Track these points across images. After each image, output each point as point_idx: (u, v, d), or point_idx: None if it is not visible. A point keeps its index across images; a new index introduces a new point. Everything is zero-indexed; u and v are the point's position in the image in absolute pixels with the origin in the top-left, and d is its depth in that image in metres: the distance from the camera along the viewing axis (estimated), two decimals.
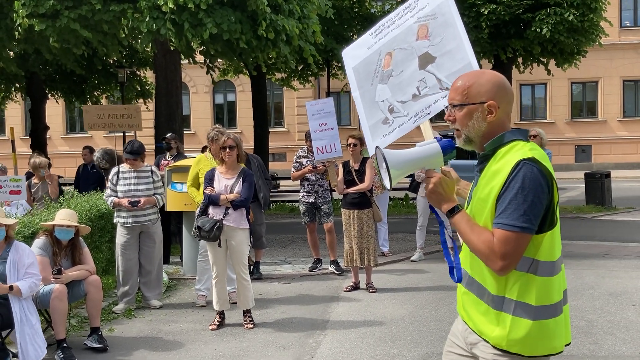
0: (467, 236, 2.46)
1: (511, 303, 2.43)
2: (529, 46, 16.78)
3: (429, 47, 3.28)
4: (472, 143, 2.58)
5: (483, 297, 2.52)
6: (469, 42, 3.22)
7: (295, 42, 11.14)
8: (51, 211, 7.72)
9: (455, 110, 2.56)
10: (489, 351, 2.51)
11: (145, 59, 18.64)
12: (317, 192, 9.36)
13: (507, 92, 2.56)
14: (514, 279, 2.43)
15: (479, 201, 2.50)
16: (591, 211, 15.71)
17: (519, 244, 2.37)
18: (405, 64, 3.32)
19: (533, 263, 2.42)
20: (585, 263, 9.65)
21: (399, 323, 6.83)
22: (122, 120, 11.58)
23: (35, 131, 19.26)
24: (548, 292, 2.44)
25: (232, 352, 6.06)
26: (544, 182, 2.38)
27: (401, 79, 3.33)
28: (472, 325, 2.58)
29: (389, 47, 3.39)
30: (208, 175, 6.89)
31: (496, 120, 2.52)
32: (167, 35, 10.09)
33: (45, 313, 6.25)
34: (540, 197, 2.37)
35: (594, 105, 31.80)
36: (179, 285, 8.86)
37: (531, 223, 2.36)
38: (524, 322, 2.41)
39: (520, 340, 2.42)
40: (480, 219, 2.48)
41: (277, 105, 33.60)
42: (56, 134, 32.60)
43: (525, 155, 2.40)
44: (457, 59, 3.18)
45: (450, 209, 2.54)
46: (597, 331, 6.38)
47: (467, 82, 2.55)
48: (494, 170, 2.45)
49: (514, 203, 2.36)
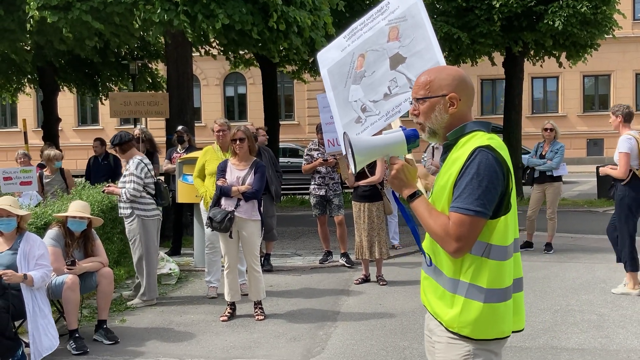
0: (425, 220, 2.56)
1: (465, 285, 2.52)
2: (541, 39, 16.66)
3: (399, 48, 3.40)
4: (436, 135, 2.69)
5: (440, 281, 2.62)
6: (437, 42, 3.34)
7: (306, 34, 11.12)
8: (64, 202, 7.76)
9: (419, 104, 2.68)
10: (443, 334, 2.61)
11: (156, 51, 18.67)
12: (328, 185, 9.35)
13: (468, 85, 2.67)
14: (468, 262, 2.51)
15: (439, 188, 2.61)
16: (603, 205, 15.64)
17: (473, 227, 2.46)
18: (377, 64, 3.44)
19: (487, 247, 2.51)
20: (597, 257, 9.61)
21: (409, 316, 6.83)
22: (149, 107, 11.58)
23: (47, 123, 19.33)
24: (499, 275, 2.51)
25: (242, 343, 6.08)
26: (499, 169, 2.48)
27: (373, 79, 3.45)
28: (431, 310, 2.69)
29: (361, 49, 3.51)
30: (221, 167, 6.91)
31: (458, 112, 2.63)
32: (180, 27, 10.09)
33: (58, 304, 6.30)
34: (495, 183, 2.47)
35: (606, 99, 31.62)
36: (190, 277, 8.90)
37: (485, 207, 2.46)
38: (475, 304, 2.49)
39: (471, 322, 2.50)
40: (439, 205, 2.58)
41: (287, 98, 33.60)
42: (67, 126, 32.75)
43: (482, 143, 2.51)
44: (426, 59, 3.29)
45: (410, 194, 2.64)
46: (608, 325, 6.36)
47: (429, 76, 2.67)
48: (454, 157, 2.56)
49: (469, 188, 2.46)
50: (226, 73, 32.66)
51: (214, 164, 7.49)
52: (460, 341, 2.56)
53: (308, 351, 5.83)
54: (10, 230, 5.73)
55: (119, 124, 31.80)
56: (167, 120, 12.11)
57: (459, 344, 2.57)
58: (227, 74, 32.86)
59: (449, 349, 2.60)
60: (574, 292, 7.65)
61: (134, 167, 7.31)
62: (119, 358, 5.76)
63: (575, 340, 5.94)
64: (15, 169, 9.84)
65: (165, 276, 8.49)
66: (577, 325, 6.37)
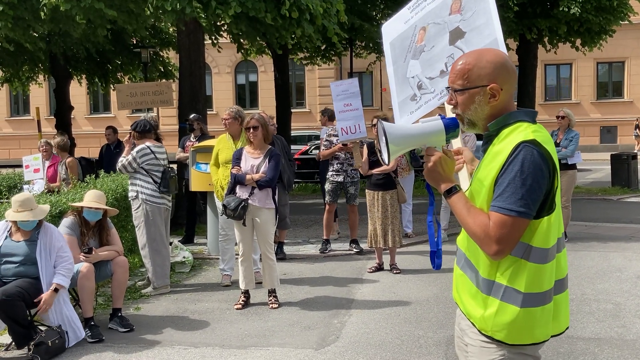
0: (464, 218, 2.40)
1: (500, 288, 2.37)
2: (555, 26, 16.51)
3: (460, 21, 3.23)
4: (476, 126, 2.51)
5: (474, 280, 2.48)
6: (498, 18, 3.16)
7: (318, 21, 11.05)
8: (78, 190, 7.79)
9: (457, 95, 2.48)
10: (476, 338, 2.48)
11: (168, 39, 18.64)
12: (347, 172, 9.32)
13: (510, 71, 2.46)
14: (506, 264, 2.36)
15: (477, 182, 2.44)
16: (617, 193, 15.55)
17: (515, 228, 2.30)
18: (437, 39, 3.28)
19: (527, 249, 2.35)
20: (612, 245, 9.55)
21: (423, 304, 6.81)
22: (154, 97, 11.60)
23: (59, 111, 19.39)
24: (538, 279, 2.36)
25: (257, 332, 6.09)
26: (545, 166, 2.30)
27: (432, 55, 3.28)
28: (463, 308, 2.56)
29: (423, 21, 3.35)
30: (236, 155, 6.91)
31: (499, 103, 2.44)
32: (193, 14, 10.06)
33: (73, 292, 6.32)
34: (540, 182, 2.29)
35: (620, 86, 31.36)
36: (204, 265, 8.92)
37: (529, 208, 2.29)
38: (511, 308, 2.36)
39: (505, 326, 2.37)
40: (478, 201, 2.42)
41: (298, 85, 33.53)
42: (80, 114, 32.87)
43: (526, 137, 2.32)
44: (485, 35, 3.12)
45: (447, 189, 2.47)
46: (625, 314, 6.32)
47: (468, 64, 2.45)
48: (496, 151, 2.38)
49: (511, 186, 2.28)
50: (237, 61, 32.63)
51: (225, 153, 7.51)
52: (493, 345, 2.44)
53: (323, 340, 5.82)
54: (32, 228, 5.76)
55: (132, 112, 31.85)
56: (179, 108, 12.11)
57: (492, 348, 2.44)
58: (238, 61, 32.82)
59: (483, 353, 2.47)
60: (589, 281, 7.60)
61: (137, 149, 7.44)
62: (134, 346, 5.78)
63: (591, 329, 5.90)
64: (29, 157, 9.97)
65: (179, 264, 8.52)
66: (593, 314, 6.33)
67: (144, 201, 7.36)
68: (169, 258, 7.81)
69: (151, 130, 7.61)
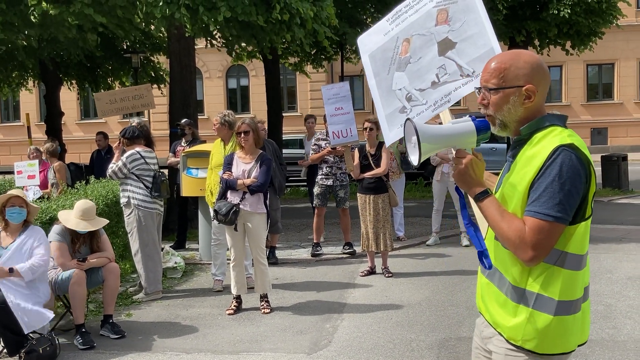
0: (497, 223, 2.32)
1: (532, 296, 2.32)
2: (544, 28, 16.58)
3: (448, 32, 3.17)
4: (507, 129, 2.45)
5: (503, 288, 2.41)
6: (491, 27, 3.12)
7: (309, 25, 11.04)
8: (68, 197, 7.75)
9: (490, 94, 2.42)
10: (502, 345, 2.42)
11: (159, 44, 18.59)
12: (336, 175, 9.34)
13: (546, 74, 2.42)
14: (538, 271, 2.31)
15: (509, 186, 2.37)
16: (608, 194, 15.59)
17: (552, 234, 2.25)
18: (424, 50, 3.22)
19: (561, 255, 2.30)
20: (603, 247, 9.59)
21: (415, 308, 6.82)
22: (135, 101, 11.49)
23: (50, 117, 19.31)
24: (572, 286, 2.32)
25: (249, 337, 6.07)
26: (583, 171, 2.26)
27: (420, 66, 3.22)
28: (489, 318, 2.49)
29: (406, 32, 3.28)
30: (227, 160, 6.91)
31: (533, 105, 2.39)
32: (181, 20, 10.05)
33: (64, 298, 6.29)
34: (578, 187, 2.25)
35: (610, 87, 31.51)
36: (196, 270, 8.89)
37: (566, 213, 2.24)
38: (543, 317, 2.30)
39: (537, 335, 2.32)
40: (510, 206, 2.36)
41: (290, 89, 33.51)
42: (70, 120, 32.72)
43: (564, 141, 2.28)
44: (479, 45, 3.08)
45: (479, 193, 2.40)
46: (616, 315, 6.34)
47: (504, 63, 2.41)
48: (529, 155, 2.33)
49: (549, 191, 2.24)
50: (228, 65, 32.55)
51: (217, 157, 7.53)
52: (520, 354, 2.37)
53: (315, 344, 5.82)
54: (19, 222, 5.76)
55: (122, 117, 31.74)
56: (170, 113, 12.08)
57: (519, 356, 2.38)
58: (229, 66, 32.75)
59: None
60: None
61: (127, 155, 7.42)
62: (125, 352, 5.75)
63: None
64: (23, 162, 9.92)
65: (170, 270, 8.49)
66: None
67: (136, 207, 7.33)
68: (161, 263, 7.78)
69: (140, 136, 7.59)
